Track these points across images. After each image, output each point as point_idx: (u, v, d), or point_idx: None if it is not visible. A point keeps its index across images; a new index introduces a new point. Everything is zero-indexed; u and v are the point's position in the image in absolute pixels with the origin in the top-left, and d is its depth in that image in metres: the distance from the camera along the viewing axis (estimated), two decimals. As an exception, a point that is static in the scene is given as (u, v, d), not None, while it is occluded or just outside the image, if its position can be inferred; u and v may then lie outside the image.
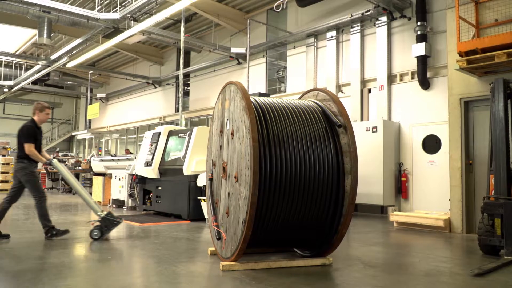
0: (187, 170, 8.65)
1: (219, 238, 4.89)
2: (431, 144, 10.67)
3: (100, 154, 17.94)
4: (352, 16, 11.94)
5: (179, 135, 9.50)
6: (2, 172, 18.04)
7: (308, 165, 4.44)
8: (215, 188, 5.33)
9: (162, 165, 9.55)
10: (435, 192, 10.20)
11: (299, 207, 4.46)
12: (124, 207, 11.36)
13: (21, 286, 3.77)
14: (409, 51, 10.94)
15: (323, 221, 4.61)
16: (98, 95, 24.82)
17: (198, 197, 8.56)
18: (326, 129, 4.66)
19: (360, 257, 5.32)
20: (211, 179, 5.48)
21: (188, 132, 9.15)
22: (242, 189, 4.29)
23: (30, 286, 3.78)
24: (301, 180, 4.41)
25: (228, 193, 4.75)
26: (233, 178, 4.57)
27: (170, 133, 9.82)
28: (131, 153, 16.82)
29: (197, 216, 8.64)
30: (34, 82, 22.47)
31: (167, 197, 9.40)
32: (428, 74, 10.62)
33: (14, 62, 20.56)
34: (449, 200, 7.77)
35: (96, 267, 4.70)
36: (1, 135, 25.29)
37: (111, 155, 13.65)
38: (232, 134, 4.71)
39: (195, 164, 8.64)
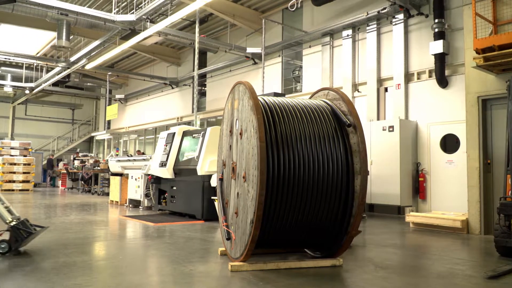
0: (201, 170, 8.68)
1: (228, 238, 4.89)
2: (449, 144, 10.47)
3: (117, 155, 18.17)
4: (368, 14, 11.80)
5: (193, 135, 9.54)
6: (24, 172, 18.44)
7: (317, 165, 4.40)
8: (225, 188, 5.33)
9: (176, 165, 9.60)
10: (453, 192, 10.00)
11: (308, 207, 4.41)
12: (140, 207, 11.47)
13: (30, 285, 3.83)
14: (426, 49, 10.75)
15: (333, 222, 4.56)
16: (117, 96, 25.14)
17: (212, 197, 8.58)
18: (336, 129, 4.61)
19: (372, 259, 5.24)
20: (221, 179, 5.48)
21: (202, 132, 9.18)
22: (250, 189, 4.27)
23: (40, 285, 3.84)
24: (310, 181, 4.36)
25: (237, 193, 4.74)
26: (242, 178, 4.55)
27: (185, 134, 9.87)
28: (143, 153, 17.00)
29: (211, 216, 8.66)
30: (55, 84, 22.90)
31: (181, 197, 9.45)
32: (446, 72, 10.42)
33: (35, 64, 20.98)
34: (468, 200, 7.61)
35: (107, 266, 4.75)
36: (23, 136, 25.85)
37: (128, 156, 13.81)
38: (241, 134, 4.70)
39: (209, 164, 8.66)
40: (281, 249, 5.29)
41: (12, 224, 5.17)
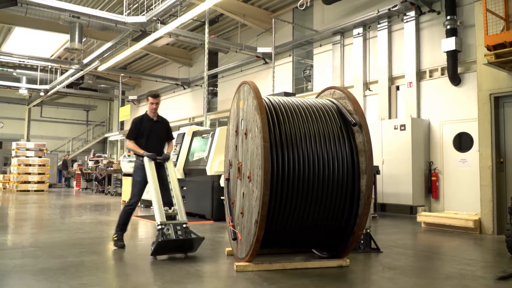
0: (210, 170, 8.69)
1: (234, 239, 4.88)
2: (463, 142, 10.32)
3: (129, 155, 18.30)
4: (379, 12, 11.69)
5: (203, 135, 9.57)
6: (39, 173, 18.70)
7: (322, 164, 4.36)
8: (232, 188, 5.32)
9: (186, 165, 9.64)
10: (467, 191, 9.84)
11: (313, 207, 4.38)
12: (151, 207, 11.52)
13: (37, 285, 3.87)
14: (438, 46, 10.60)
15: (339, 222, 4.51)
16: (130, 97, 25.33)
17: (221, 197, 8.58)
18: (341, 128, 4.56)
19: (381, 259, 5.18)
20: (228, 179, 5.48)
21: (211, 133, 9.20)
22: (255, 189, 4.25)
23: (46, 284, 3.88)
24: (315, 180, 4.33)
25: (243, 193, 4.73)
26: (247, 179, 4.54)
27: (194, 134, 9.90)
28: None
29: (220, 216, 8.65)
30: (69, 86, 23.16)
31: (191, 197, 9.48)
32: (459, 70, 10.27)
33: (49, 66, 21.25)
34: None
35: (114, 266, 4.79)
36: (39, 137, 26.19)
37: (139, 156, 13.89)
38: (246, 134, 4.69)
39: (218, 165, 8.66)
40: (288, 250, 5.26)
41: (159, 227, 5.08)
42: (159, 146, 5.95)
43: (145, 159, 5.61)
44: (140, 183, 5.84)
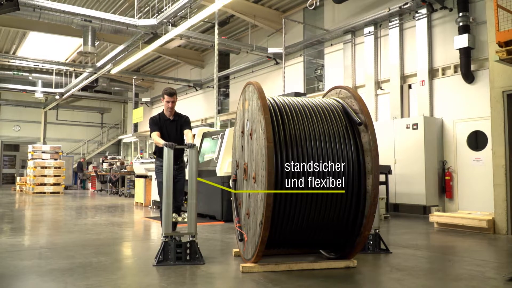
0: (220, 171, 8.70)
1: (241, 239, 4.87)
2: (477, 141, 10.14)
3: (141, 157, 18.47)
4: (390, 10, 11.57)
5: (213, 136, 9.58)
6: (55, 175, 18.96)
7: (327, 164, 4.31)
8: (238, 189, 5.31)
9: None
10: (482, 191, 9.67)
11: (319, 208, 4.34)
12: (163, 208, 11.59)
13: (44, 285, 3.92)
14: (451, 44, 10.45)
15: (345, 222, 4.47)
16: (143, 99, 25.56)
17: (231, 198, 8.58)
18: (347, 128, 4.51)
19: (389, 260, 5.11)
20: (234, 180, 5.47)
21: (221, 134, 9.21)
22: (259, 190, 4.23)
23: (53, 285, 3.93)
24: (321, 180, 4.28)
25: (249, 194, 4.71)
26: (252, 179, 4.53)
27: (204, 135, 9.93)
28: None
29: (230, 217, 8.63)
30: (84, 89, 23.47)
31: (202, 198, 9.48)
32: (472, 67, 10.10)
33: (64, 70, 21.55)
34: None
35: (121, 267, 4.81)
36: (55, 140, 26.59)
37: (151, 158, 13.99)
38: (251, 134, 4.68)
39: (228, 165, 8.67)
40: (296, 250, 5.23)
41: (162, 239, 4.81)
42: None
43: (165, 150, 4.94)
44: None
